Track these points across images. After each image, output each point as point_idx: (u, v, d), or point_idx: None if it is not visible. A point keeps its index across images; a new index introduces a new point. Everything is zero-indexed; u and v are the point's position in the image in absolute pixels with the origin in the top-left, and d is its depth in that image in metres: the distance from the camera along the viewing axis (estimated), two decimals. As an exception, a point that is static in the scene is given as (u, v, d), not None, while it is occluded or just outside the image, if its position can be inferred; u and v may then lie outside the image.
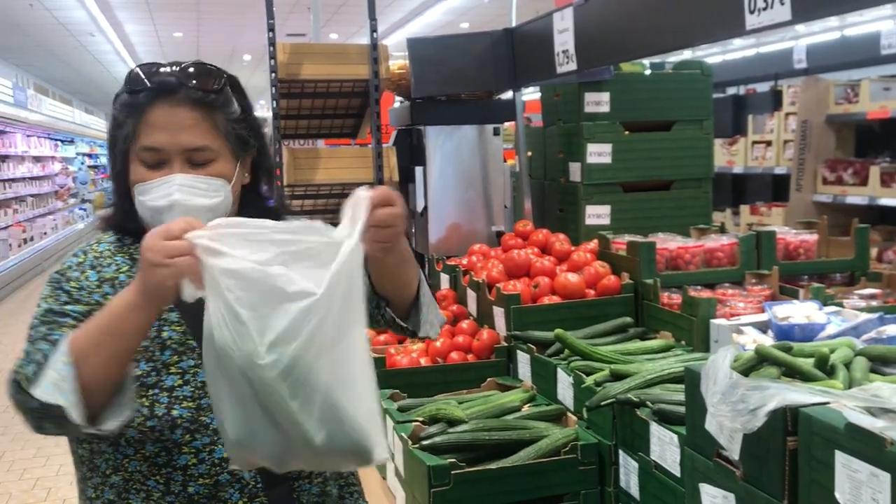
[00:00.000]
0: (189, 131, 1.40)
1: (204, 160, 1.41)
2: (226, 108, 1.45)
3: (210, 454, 1.39)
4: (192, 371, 1.41)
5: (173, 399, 1.39)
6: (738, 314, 2.36)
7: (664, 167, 3.48)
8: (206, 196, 1.41)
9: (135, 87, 1.40)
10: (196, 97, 1.40)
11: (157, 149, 1.39)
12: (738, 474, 1.47)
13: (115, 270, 1.46)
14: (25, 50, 17.51)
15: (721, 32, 2.28)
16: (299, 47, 3.75)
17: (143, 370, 1.39)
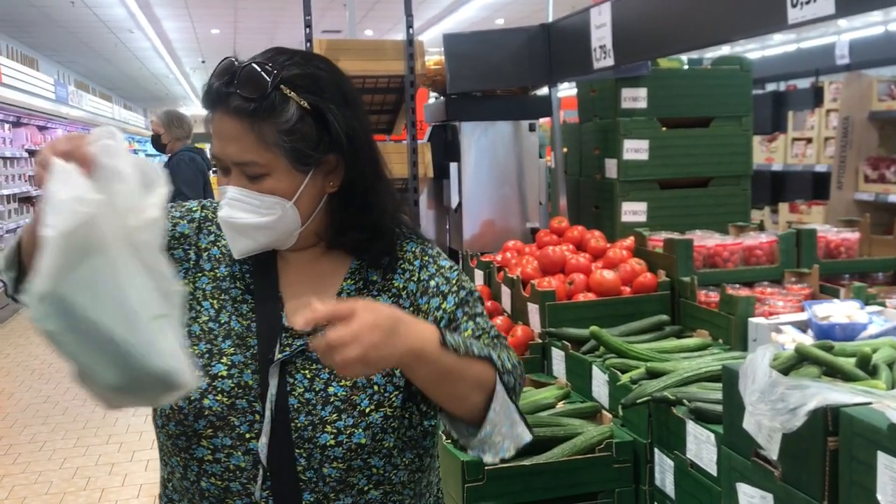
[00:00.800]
0: (234, 144, 1.29)
1: (255, 174, 1.30)
2: (273, 118, 1.28)
3: (228, 457, 1.32)
4: (239, 367, 1.34)
5: (211, 388, 1.32)
6: (777, 313, 2.33)
7: (702, 164, 3.44)
8: (257, 213, 1.31)
9: (205, 90, 1.33)
10: (239, 107, 1.27)
11: (215, 156, 1.33)
12: (776, 474, 1.45)
13: (209, 242, 1.43)
14: (67, 47, 17.82)
15: (762, 27, 2.25)
16: (336, 44, 3.77)
17: (201, 350, 1.35)
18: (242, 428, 1.31)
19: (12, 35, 15.79)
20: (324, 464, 1.32)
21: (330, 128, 1.32)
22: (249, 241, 1.34)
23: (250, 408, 1.32)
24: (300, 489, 1.31)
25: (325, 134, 1.31)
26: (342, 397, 1.32)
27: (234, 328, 1.37)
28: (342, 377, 1.32)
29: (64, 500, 4.37)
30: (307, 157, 1.31)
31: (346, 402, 1.32)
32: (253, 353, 1.35)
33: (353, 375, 1.28)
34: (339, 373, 1.17)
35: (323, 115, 1.31)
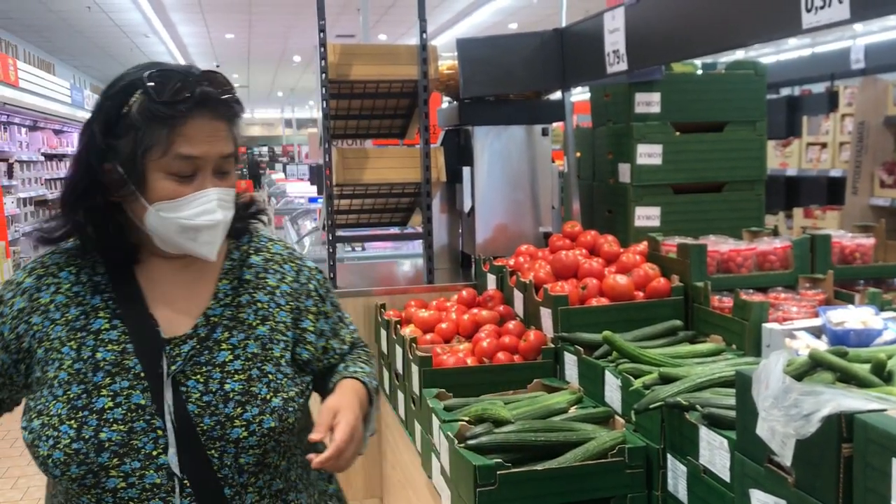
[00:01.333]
0: (222, 141, 1.40)
1: (228, 169, 1.43)
2: (238, 119, 1.46)
3: (140, 479, 1.35)
4: (125, 393, 1.37)
5: (103, 421, 1.35)
6: (791, 318, 2.32)
7: (716, 169, 3.43)
8: (232, 208, 1.45)
9: (172, 98, 1.35)
10: (225, 109, 1.41)
11: (197, 157, 1.37)
12: (789, 481, 1.44)
13: (51, 293, 1.44)
14: (83, 51, 17.96)
15: (776, 32, 2.24)
16: (350, 48, 3.78)
17: (75, 392, 1.37)
18: (148, 447, 1.36)
19: (29, 39, 15.93)
20: (239, 456, 1.40)
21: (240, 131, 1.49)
22: (220, 237, 1.44)
23: (150, 426, 1.36)
24: (220, 487, 1.39)
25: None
26: (241, 391, 1.42)
27: (105, 359, 1.39)
28: (235, 372, 1.44)
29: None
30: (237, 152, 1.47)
31: (245, 395, 1.42)
32: (136, 373, 1.39)
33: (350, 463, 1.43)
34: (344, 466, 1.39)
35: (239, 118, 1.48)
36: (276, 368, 1.48)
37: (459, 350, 2.82)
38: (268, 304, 1.52)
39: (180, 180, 1.37)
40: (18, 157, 9.94)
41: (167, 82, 1.36)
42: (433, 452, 2.38)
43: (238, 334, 1.47)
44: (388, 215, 4.28)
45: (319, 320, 1.59)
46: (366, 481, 3.72)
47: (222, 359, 1.44)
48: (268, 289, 1.54)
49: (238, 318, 1.49)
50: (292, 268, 1.59)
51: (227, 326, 1.47)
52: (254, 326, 1.49)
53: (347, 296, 3.64)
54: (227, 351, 1.45)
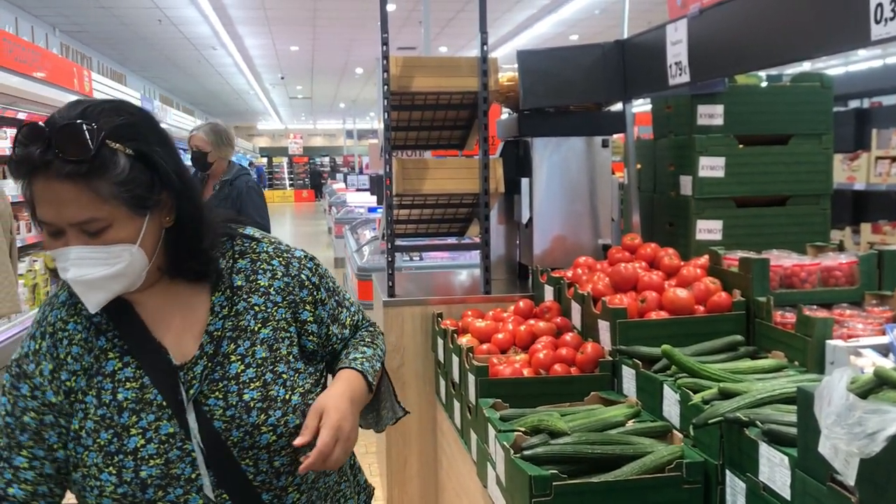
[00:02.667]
0: (70, 205, 1.28)
1: (96, 229, 1.32)
2: (106, 173, 1.29)
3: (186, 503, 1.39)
4: (153, 427, 1.39)
5: (139, 461, 1.37)
6: (856, 336, 2.27)
7: (780, 182, 3.38)
8: (107, 265, 1.33)
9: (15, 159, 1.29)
10: (65, 171, 1.26)
11: (47, 223, 1.32)
12: (853, 500, 1.41)
13: (66, 346, 1.43)
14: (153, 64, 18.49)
15: (844, 44, 2.20)
16: (411, 60, 3.83)
17: (105, 439, 1.39)
18: (186, 472, 1.39)
19: (103, 52, 16.48)
20: (273, 459, 1.44)
21: (159, 168, 1.36)
22: (102, 292, 1.37)
23: (184, 452, 1.39)
24: (258, 495, 1.43)
25: (156, 175, 1.36)
26: (260, 398, 1.44)
27: (126, 398, 1.40)
28: (250, 381, 1.45)
29: None
30: (145, 200, 1.35)
31: (265, 400, 1.44)
32: (158, 404, 1.41)
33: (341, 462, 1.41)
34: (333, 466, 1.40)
35: (150, 158, 1.35)
36: (288, 366, 1.49)
37: (516, 361, 2.83)
38: (265, 305, 1.52)
39: (50, 235, 1.34)
40: (90, 165, 10.26)
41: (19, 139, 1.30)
42: (489, 462, 2.39)
43: (244, 343, 1.48)
44: (446, 225, 4.30)
45: (317, 308, 1.59)
46: (421, 489, 3.74)
47: (235, 371, 1.45)
48: (261, 290, 1.52)
49: (240, 327, 1.49)
50: (280, 262, 1.57)
51: (231, 338, 1.48)
52: (256, 331, 1.49)
53: (405, 304, 3.68)
54: (237, 362, 1.46)
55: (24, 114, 8.34)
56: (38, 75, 8.33)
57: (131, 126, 1.35)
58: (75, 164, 1.27)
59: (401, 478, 3.74)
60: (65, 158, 1.26)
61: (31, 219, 1.37)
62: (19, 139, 1.29)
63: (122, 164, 1.31)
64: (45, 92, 8.40)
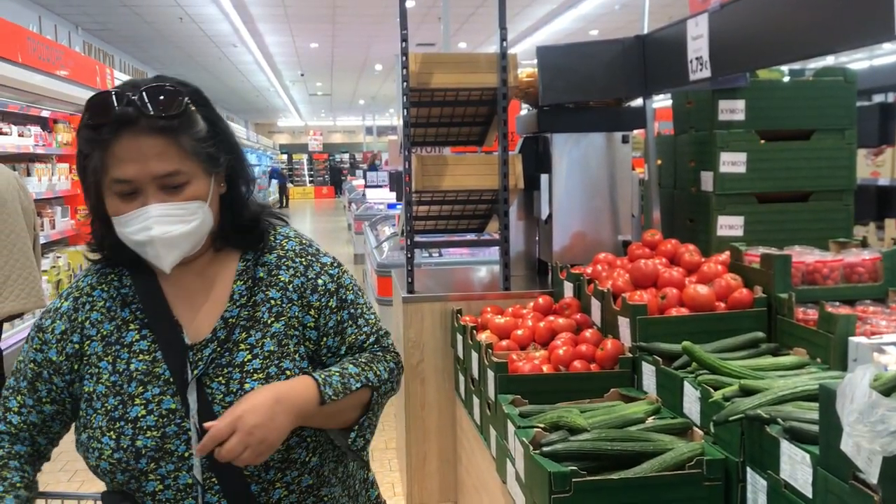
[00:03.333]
0: (157, 159, 1.38)
1: (177, 184, 1.41)
2: (190, 129, 1.42)
3: (175, 480, 1.42)
4: (156, 400, 1.44)
5: (137, 430, 1.42)
6: (879, 333, 2.25)
7: (802, 178, 3.35)
8: (185, 222, 1.41)
9: (97, 120, 1.38)
10: (158, 125, 1.38)
11: (128, 180, 1.38)
12: (876, 499, 1.40)
13: (87, 311, 1.51)
14: (174, 61, 18.62)
15: (867, 38, 2.18)
16: (430, 57, 3.83)
17: (111, 404, 1.45)
18: (180, 449, 1.42)
19: (124, 49, 16.61)
20: None
21: (222, 134, 1.49)
22: (177, 250, 1.44)
23: (181, 429, 1.43)
24: (247, 484, 1.44)
25: (220, 139, 1.48)
26: None
27: (137, 369, 1.46)
28: (254, 371, 1.47)
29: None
30: (216, 160, 1.46)
31: None
32: (165, 379, 1.45)
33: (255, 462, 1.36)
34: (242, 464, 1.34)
35: (216, 124, 1.48)
36: (293, 364, 1.50)
37: (535, 357, 2.82)
38: (280, 300, 1.54)
39: (123, 198, 1.40)
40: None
41: (98, 105, 1.38)
42: (508, 458, 2.39)
43: (255, 333, 1.50)
44: (465, 222, 4.30)
45: (321, 316, 1.56)
46: (440, 485, 3.75)
47: (241, 359, 1.47)
48: (280, 285, 1.55)
49: (254, 318, 1.51)
50: (302, 262, 1.59)
51: (245, 327, 1.50)
52: (269, 324, 1.51)
53: (424, 300, 3.69)
54: (245, 351, 1.48)
55: (47, 112, 8.42)
56: (61, 73, 8.41)
57: (199, 93, 1.49)
58: (167, 118, 1.38)
59: (420, 474, 3.75)
60: (156, 115, 1.37)
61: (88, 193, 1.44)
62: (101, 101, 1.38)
63: (201, 123, 1.44)
64: (67, 90, 8.48)
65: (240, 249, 1.57)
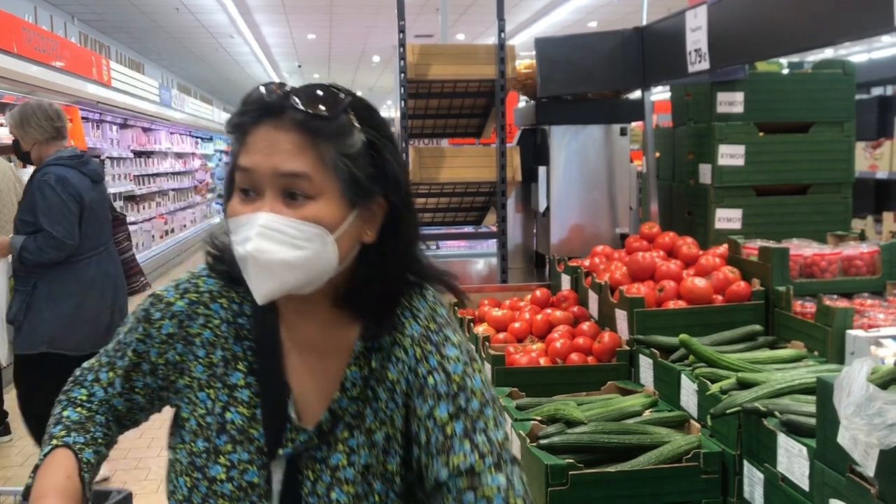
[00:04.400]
0: (286, 154, 1.14)
1: (301, 190, 1.14)
2: (338, 139, 1.16)
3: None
4: (241, 467, 1.23)
5: (211, 492, 1.23)
6: (877, 326, 2.25)
7: (800, 170, 3.34)
8: (293, 245, 1.13)
9: (243, 108, 1.19)
10: (299, 119, 1.15)
11: (249, 169, 1.15)
12: (872, 492, 1.40)
13: (200, 325, 1.28)
14: (171, 52, 18.55)
15: (867, 30, 2.17)
16: (428, 48, 3.82)
17: (198, 449, 1.26)
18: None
19: (122, 41, 16.55)
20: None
21: (386, 168, 1.20)
22: (275, 281, 1.15)
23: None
24: None
25: (380, 172, 1.19)
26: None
27: (233, 421, 1.25)
28: (345, 482, 1.23)
29: (161, 487, 4.56)
30: (363, 188, 1.17)
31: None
32: (258, 446, 1.24)
33: None
34: None
35: (380, 152, 1.19)
36: (387, 488, 1.24)
37: (532, 350, 2.82)
38: (386, 404, 1.25)
39: (243, 198, 1.17)
40: (109, 153, 10.33)
41: (251, 93, 1.21)
42: (505, 451, 2.39)
43: (358, 436, 1.25)
44: (462, 214, 4.30)
45: (421, 428, 1.22)
46: (437, 478, 3.75)
47: (336, 461, 1.24)
48: (387, 384, 1.25)
49: (361, 416, 1.25)
50: (416, 353, 1.25)
51: (349, 425, 1.25)
52: (372, 431, 1.25)
53: (422, 293, 3.68)
54: (342, 454, 1.24)
55: (43, 102, 8.40)
56: (57, 64, 8.38)
57: (371, 110, 1.22)
58: (312, 116, 1.15)
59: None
60: (304, 110, 1.15)
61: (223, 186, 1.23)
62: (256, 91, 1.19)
63: (355, 138, 1.17)
64: (63, 81, 8.46)
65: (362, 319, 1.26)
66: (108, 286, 4.10)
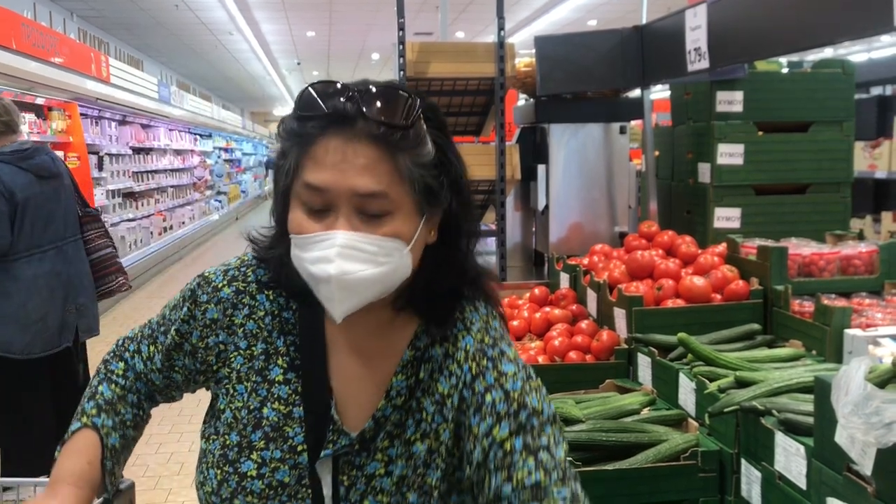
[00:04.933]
0: (364, 171, 1.08)
1: (379, 210, 1.10)
2: (415, 149, 1.11)
3: None
4: (272, 465, 1.20)
5: (240, 488, 1.20)
6: (875, 325, 2.25)
7: (799, 170, 3.35)
8: (375, 263, 1.10)
9: (305, 112, 1.11)
10: (377, 132, 1.08)
11: (321, 188, 1.09)
12: (869, 490, 1.40)
13: (244, 316, 1.25)
14: (170, 49, 18.54)
15: (866, 29, 2.17)
16: (428, 46, 3.82)
17: (231, 442, 1.23)
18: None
19: (120, 37, 16.54)
20: None
21: (450, 169, 1.16)
22: (356, 298, 1.12)
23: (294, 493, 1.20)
24: None
25: (449, 177, 1.16)
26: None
27: (268, 417, 1.22)
28: (380, 492, 1.20)
29: (158, 483, 4.56)
30: (436, 196, 1.14)
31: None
32: (291, 445, 1.21)
33: None
34: None
35: (446, 154, 1.16)
36: (423, 501, 1.20)
37: (531, 348, 2.82)
38: (432, 418, 1.21)
39: (311, 213, 1.11)
40: (108, 150, 10.32)
41: (307, 94, 1.12)
42: (503, 448, 2.39)
43: (398, 446, 1.21)
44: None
45: (477, 445, 1.15)
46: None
47: (373, 470, 1.21)
48: (436, 396, 1.21)
49: (403, 426, 1.22)
50: (472, 369, 1.20)
51: (390, 434, 1.21)
52: (411, 442, 1.21)
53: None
54: (380, 462, 1.21)
55: (41, 99, 8.38)
56: (56, 60, 8.37)
57: (436, 111, 1.18)
58: (390, 126, 1.08)
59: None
60: (381, 119, 1.08)
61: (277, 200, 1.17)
62: (318, 91, 1.11)
63: (429, 146, 1.13)
64: (62, 77, 8.45)
65: (418, 321, 1.24)
66: (57, 286, 3.82)
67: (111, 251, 4.28)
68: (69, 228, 3.98)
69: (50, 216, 3.87)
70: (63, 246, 3.93)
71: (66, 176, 4.08)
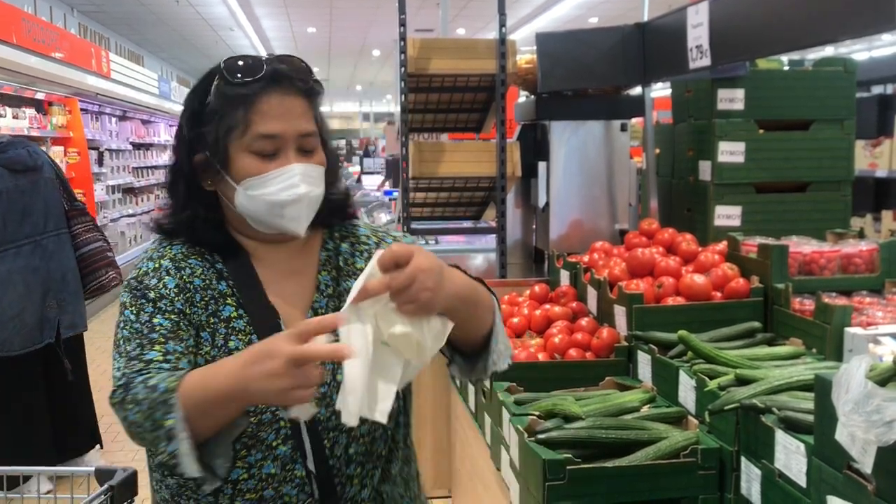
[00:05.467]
0: (302, 118, 1.40)
1: (311, 147, 1.42)
2: (319, 97, 1.46)
3: (259, 469, 1.37)
4: None
5: None
6: (875, 323, 2.25)
7: (800, 168, 3.34)
8: (318, 185, 1.42)
9: (248, 77, 1.38)
10: (303, 87, 1.41)
11: (275, 135, 1.37)
12: (870, 489, 1.40)
13: (189, 274, 1.44)
14: (170, 44, 18.52)
15: (868, 28, 2.17)
16: (429, 42, 3.81)
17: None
18: (270, 438, 1.37)
19: (121, 32, 16.51)
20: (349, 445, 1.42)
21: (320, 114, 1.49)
22: (311, 213, 1.42)
23: (275, 417, 1.37)
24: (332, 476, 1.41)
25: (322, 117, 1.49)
26: None
27: (237, 348, 1.38)
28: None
29: (158, 478, 4.56)
30: (326, 132, 1.49)
31: None
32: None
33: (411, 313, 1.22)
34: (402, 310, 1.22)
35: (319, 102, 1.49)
36: None
37: (531, 345, 2.82)
38: None
39: (263, 158, 1.38)
40: (108, 145, 10.31)
41: (240, 64, 1.40)
42: (502, 445, 2.39)
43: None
44: (462, 209, 4.30)
45: None
46: (435, 473, 3.75)
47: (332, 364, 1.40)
48: (357, 274, 1.46)
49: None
50: (374, 240, 1.56)
51: None
52: None
53: (421, 288, 3.68)
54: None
55: (42, 94, 8.38)
56: (56, 56, 8.36)
57: None
58: (313, 83, 1.44)
59: (415, 460, 3.75)
60: (304, 77, 1.42)
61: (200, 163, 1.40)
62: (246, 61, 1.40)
63: (321, 96, 1.47)
64: (63, 72, 8.44)
65: (324, 230, 1.54)
66: (34, 281, 3.77)
67: (101, 245, 4.19)
68: (50, 222, 3.90)
69: (26, 210, 3.79)
70: (42, 241, 3.85)
71: (47, 169, 3.99)
